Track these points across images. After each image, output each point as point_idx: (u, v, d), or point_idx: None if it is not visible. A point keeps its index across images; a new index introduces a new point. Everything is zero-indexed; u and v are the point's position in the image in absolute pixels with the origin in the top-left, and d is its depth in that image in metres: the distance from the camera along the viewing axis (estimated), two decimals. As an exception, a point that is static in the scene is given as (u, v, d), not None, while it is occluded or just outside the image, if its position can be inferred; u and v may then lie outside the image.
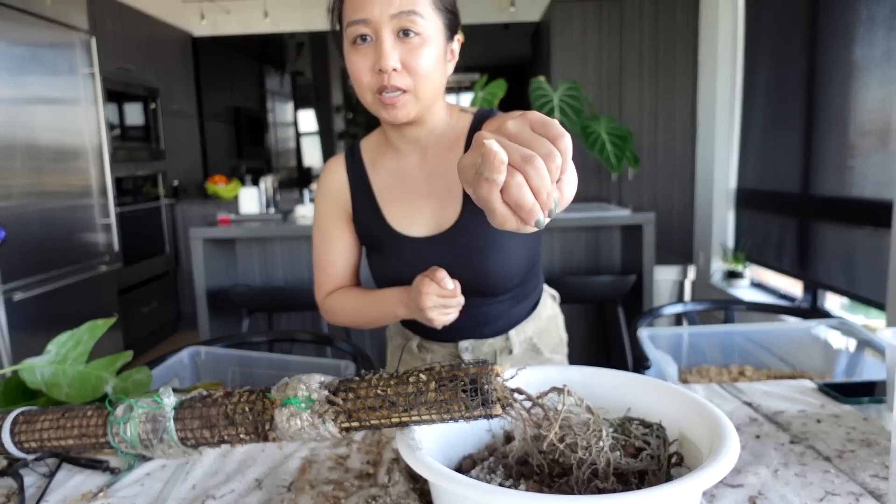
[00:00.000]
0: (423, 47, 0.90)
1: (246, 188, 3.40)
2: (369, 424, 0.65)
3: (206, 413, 0.70)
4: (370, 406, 0.65)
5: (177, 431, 0.70)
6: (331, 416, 0.66)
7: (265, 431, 0.68)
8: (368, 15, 0.88)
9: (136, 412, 0.71)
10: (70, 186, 3.14)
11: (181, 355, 1.35)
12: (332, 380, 0.69)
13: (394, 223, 1.06)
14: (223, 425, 0.69)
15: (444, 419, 0.64)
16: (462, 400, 0.62)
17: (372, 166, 1.08)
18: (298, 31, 5.45)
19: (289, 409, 0.66)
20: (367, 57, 0.91)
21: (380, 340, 3.10)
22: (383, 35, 0.89)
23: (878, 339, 1.23)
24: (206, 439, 0.70)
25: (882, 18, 2.53)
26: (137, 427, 0.70)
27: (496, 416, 0.63)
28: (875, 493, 0.74)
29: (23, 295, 2.68)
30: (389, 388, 0.65)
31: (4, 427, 0.76)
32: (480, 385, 0.62)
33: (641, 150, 4.45)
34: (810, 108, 3.09)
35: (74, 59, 3.15)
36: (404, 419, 0.64)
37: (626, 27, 4.43)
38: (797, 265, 3.24)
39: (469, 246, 1.01)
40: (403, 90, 0.92)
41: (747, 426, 0.94)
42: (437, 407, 0.63)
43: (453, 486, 0.56)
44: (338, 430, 0.66)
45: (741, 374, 1.42)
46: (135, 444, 0.71)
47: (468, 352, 1.13)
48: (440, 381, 0.63)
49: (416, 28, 0.89)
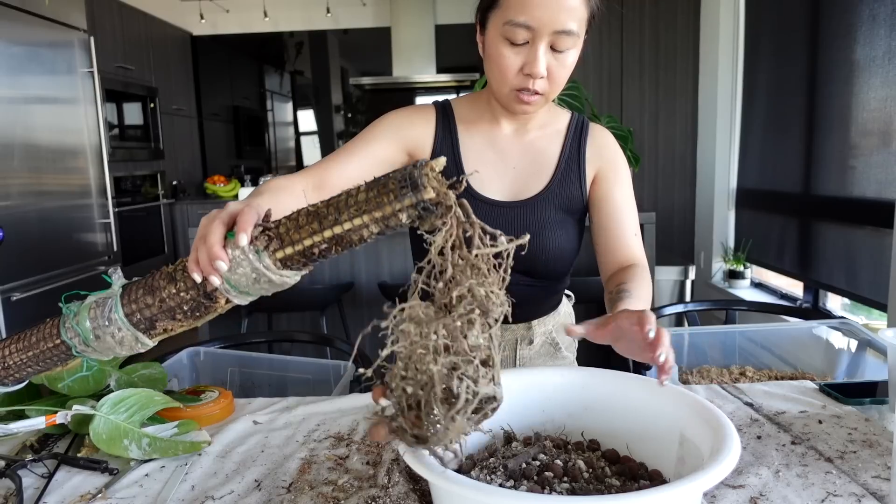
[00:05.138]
0: (568, 59, 0.96)
1: (245, 188, 3.41)
2: (303, 246, 0.62)
3: (149, 281, 0.69)
4: (300, 224, 0.62)
5: (123, 307, 0.68)
6: (263, 242, 0.63)
7: (204, 282, 0.65)
8: (533, 23, 0.92)
9: (87, 301, 0.70)
10: (69, 186, 3.13)
11: (180, 356, 1.35)
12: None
13: (472, 181, 1.09)
14: (164, 285, 0.67)
15: (377, 219, 0.60)
16: (392, 191, 0.58)
17: (463, 124, 1.11)
18: (298, 31, 5.44)
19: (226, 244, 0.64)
20: (518, 57, 0.95)
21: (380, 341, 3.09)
22: (540, 44, 0.93)
23: (879, 340, 1.23)
24: (150, 309, 0.68)
25: (883, 18, 2.53)
26: (87, 314, 0.69)
27: (428, 202, 0.58)
28: (877, 494, 0.73)
29: (21, 295, 2.67)
30: (320, 204, 0.63)
31: None
32: (410, 171, 0.59)
33: (642, 150, 4.45)
34: (811, 108, 3.08)
35: (73, 59, 3.15)
36: (336, 231, 0.61)
37: (626, 27, 4.42)
38: (798, 265, 3.24)
39: (538, 221, 1.07)
40: (541, 94, 0.98)
41: (748, 427, 0.93)
42: (367, 206, 0.59)
43: (453, 487, 0.55)
44: (272, 261, 0.63)
45: (742, 375, 1.42)
46: (87, 337, 0.69)
47: None
48: (371, 184, 0.61)
49: (569, 45, 0.94)
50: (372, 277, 3.03)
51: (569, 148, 1.10)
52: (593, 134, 1.11)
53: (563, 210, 1.09)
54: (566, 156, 1.09)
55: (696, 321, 1.73)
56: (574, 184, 1.09)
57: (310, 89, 5.81)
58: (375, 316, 0.58)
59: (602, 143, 1.11)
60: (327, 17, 5.13)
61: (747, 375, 1.41)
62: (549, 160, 1.09)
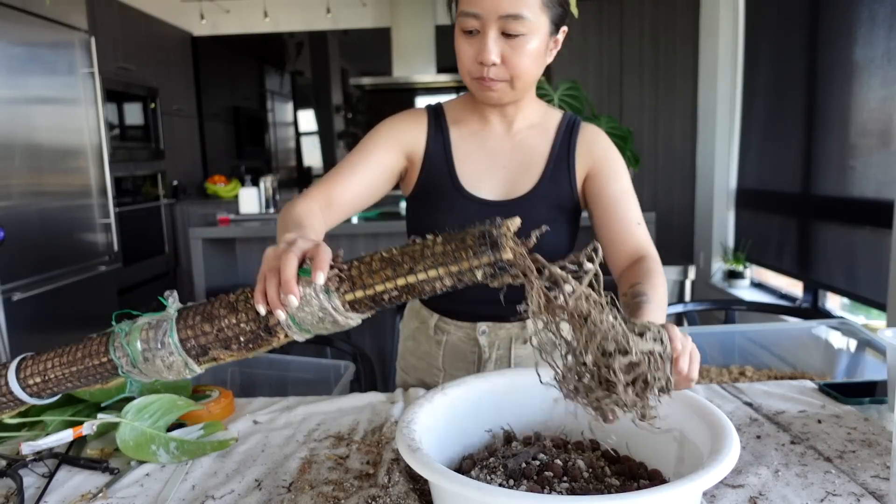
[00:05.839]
0: (525, 45, 0.96)
1: (246, 188, 3.40)
2: (374, 291, 0.63)
3: (207, 308, 0.68)
4: (374, 269, 0.63)
5: (178, 332, 0.67)
6: (334, 283, 0.63)
7: (267, 315, 0.65)
8: (479, 10, 0.94)
9: (140, 322, 0.69)
10: (69, 186, 3.13)
11: (181, 355, 1.35)
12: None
13: (464, 181, 1.10)
14: (224, 314, 0.67)
15: (452, 273, 0.60)
16: (470, 247, 0.60)
17: (454, 124, 1.13)
18: (298, 31, 5.45)
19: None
20: (472, 47, 0.98)
21: (380, 340, 3.09)
22: (489, 31, 0.95)
23: (878, 340, 1.23)
24: (207, 336, 0.67)
25: (883, 18, 2.53)
26: (139, 335, 0.68)
27: (506, 264, 0.59)
28: (876, 494, 0.73)
29: (22, 295, 2.67)
30: (395, 250, 0.63)
31: (11, 366, 0.74)
32: (489, 230, 0.60)
33: (641, 150, 4.45)
34: (811, 108, 3.09)
35: (74, 59, 3.15)
36: (410, 280, 0.61)
37: (626, 27, 4.42)
38: (798, 265, 3.24)
39: (529, 219, 1.06)
40: (501, 80, 0.99)
41: (748, 426, 0.93)
42: (445, 258, 0.60)
43: (453, 486, 0.56)
44: (342, 302, 0.63)
45: (742, 375, 1.42)
46: (136, 358, 0.68)
47: (485, 335, 1.14)
48: (448, 237, 0.62)
49: (521, 29, 0.94)
50: (372, 277, 3.03)
51: (558, 146, 1.10)
52: (584, 132, 1.11)
53: (555, 208, 1.09)
54: (555, 154, 1.10)
55: (696, 321, 1.73)
56: (564, 181, 1.09)
57: (310, 89, 5.81)
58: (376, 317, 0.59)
59: (592, 140, 1.11)
60: (327, 18, 5.13)
61: (747, 375, 1.41)
62: (538, 158, 1.10)
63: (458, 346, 1.16)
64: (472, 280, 0.61)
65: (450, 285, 0.62)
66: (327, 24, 5.24)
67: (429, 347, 1.20)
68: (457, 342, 1.16)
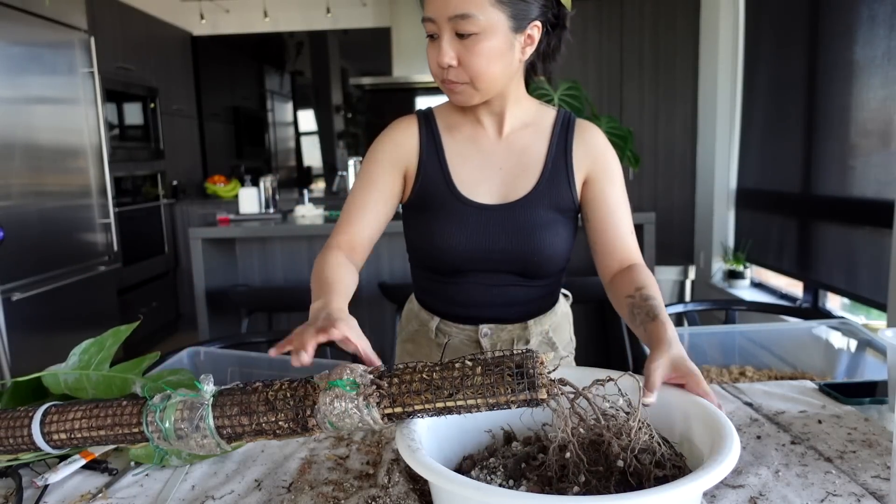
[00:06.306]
0: (479, 44, 0.95)
1: (245, 188, 3.40)
2: (413, 410, 0.65)
3: (245, 400, 0.69)
4: (415, 390, 0.65)
5: (214, 419, 0.68)
6: (375, 399, 0.65)
7: (305, 418, 0.67)
8: (432, 13, 0.96)
9: (174, 399, 0.70)
10: (69, 186, 3.13)
11: (180, 355, 1.35)
12: (375, 367, 0.69)
13: (460, 186, 1.09)
14: (263, 411, 0.68)
15: (490, 404, 0.64)
16: (508, 384, 0.63)
17: (447, 129, 1.12)
18: (298, 31, 5.44)
19: (333, 392, 0.66)
20: (434, 51, 0.99)
21: (380, 340, 3.09)
22: (443, 34, 0.96)
23: (879, 340, 1.23)
24: (244, 427, 0.69)
25: (883, 18, 2.53)
26: (174, 414, 0.69)
27: (541, 402, 0.63)
28: (877, 494, 0.73)
29: (21, 295, 2.67)
30: (435, 374, 0.65)
31: (35, 417, 0.75)
32: (527, 369, 0.62)
33: (641, 150, 4.45)
34: (811, 108, 3.08)
35: (73, 59, 3.15)
36: (448, 404, 0.64)
37: (626, 27, 4.42)
38: (798, 265, 3.24)
39: (529, 222, 1.07)
40: (462, 83, 0.99)
41: (748, 427, 0.93)
42: (483, 390, 0.63)
43: (453, 487, 0.55)
44: (380, 415, 0.66)
45: (742, 375, 1.42)
46: (169, 435, 0.69)
47: (487, 337, 1.14)
48: (486, 366, 0.64)
49: (472, 29, 0.94)
50: (372, 277, 3.03)
51: (555, 146, 1.09)
52: (580, 131, 1.10)
53: (554, 209, 1.08)
54: (553, 155, 1.08)
55: (696, 321, 1.73)
56: (563, 183, 1.08)
57: (310, 89, 5.81)
58: (375, 316, 0.59)
59: (590, 142, 1.10)
60: (327, 18, 5.13)
61: (747, 375, 1.41)
62: (535, 159, 1.09)
63: (460, 349, 1.16)
64: (507, 408, 0.66)
65: (484, 411, 0.66)
66: (327, 24, 5.24)
67: (429, 350, 1.19)
68: (458, 344, 1.16)
